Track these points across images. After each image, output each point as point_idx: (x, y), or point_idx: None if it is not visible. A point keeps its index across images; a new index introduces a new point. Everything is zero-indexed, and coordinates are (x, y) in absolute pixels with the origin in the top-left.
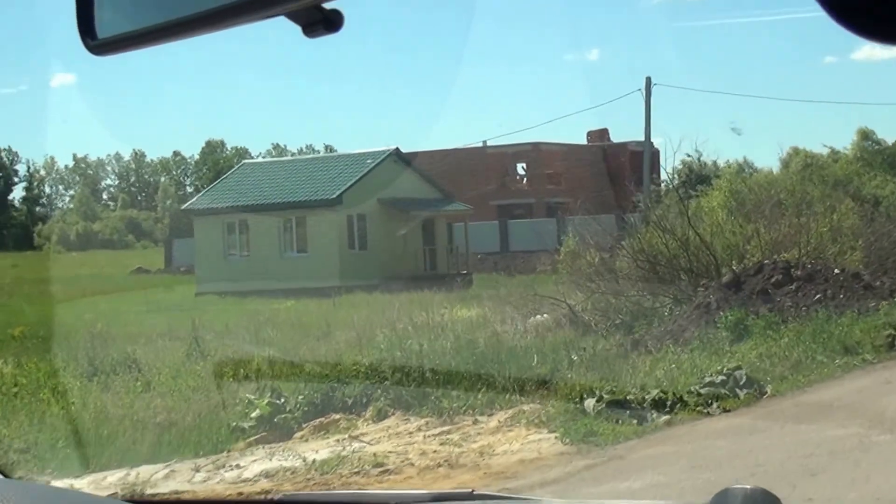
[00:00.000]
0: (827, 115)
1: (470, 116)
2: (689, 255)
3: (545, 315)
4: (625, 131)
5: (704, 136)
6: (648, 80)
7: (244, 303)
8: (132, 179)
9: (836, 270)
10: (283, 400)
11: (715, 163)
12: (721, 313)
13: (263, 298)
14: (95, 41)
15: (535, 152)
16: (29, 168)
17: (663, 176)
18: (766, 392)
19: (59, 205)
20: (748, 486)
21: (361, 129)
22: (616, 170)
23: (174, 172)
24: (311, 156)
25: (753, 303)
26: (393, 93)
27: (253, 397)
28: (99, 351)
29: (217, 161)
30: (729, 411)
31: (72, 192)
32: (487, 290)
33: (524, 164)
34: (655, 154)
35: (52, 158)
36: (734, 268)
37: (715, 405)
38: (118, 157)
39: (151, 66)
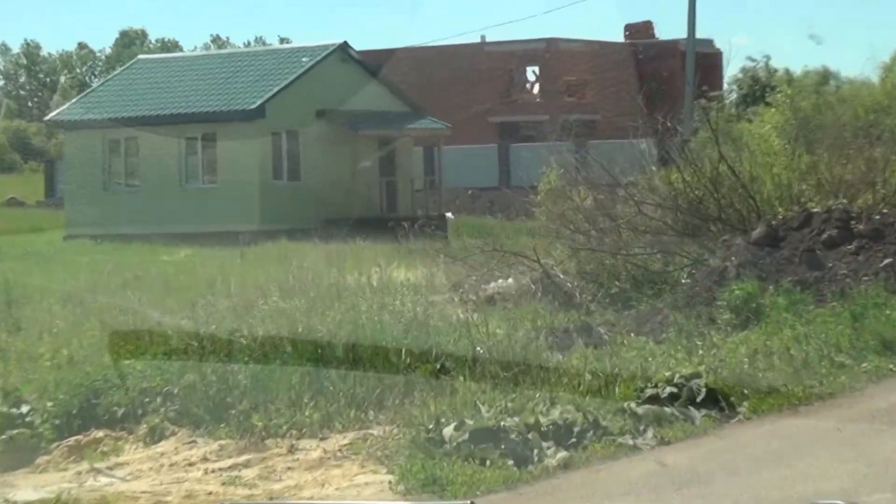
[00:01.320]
0: None
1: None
2: (720, 197)
3: (510, 280)
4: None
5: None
6: None
7: (124, 251)
8: (22, 80)
9: None
10: (26, 408)
11: (788, 71)
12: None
13: (153, 245)
14: None
15: (550, 52)
16: None
17: (726, 87)
18: (739, 414)
19: None
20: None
21: (327, 19)
22: (662, 76)
23: (78, 71)
24: (225, 51)
25: (793, 269)
26: None
27: None
28: None
29: (135, 57)
30: (668, 444)
31: None
32: (458, 242)
33: (535, 68)
34: (715, 57)
35: None
36: (773, 218)
37: (650, 434)
38: (4, 49)
39: None
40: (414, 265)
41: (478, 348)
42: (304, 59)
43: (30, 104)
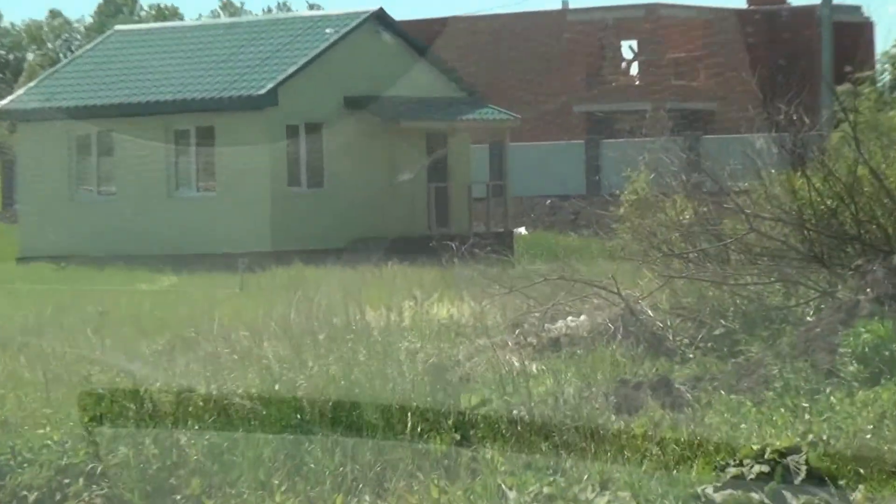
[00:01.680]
0: None
1: None
2: (858, 210)
3: (582, 317)
4: None
5: None
6: None
7: (93, 277)
8: None
9: None
10: None
11: None
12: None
13: (132, 270)
14: None
15: (652, 21)
16: None
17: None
18: (851, 501)
19: None
20: None
21: None
22: (797, 53)
23: (50, 46)
24: (226, 20)
25: None
26: None
27: None
28: None
29: None
30: None
31: None
32: (526, 267)
33: (633, 43)
34: (864, 28)
35: None
36: None
37: None
38: None
39: None
40: (462, 297)
41: (514, 410)
42: (328, 31)
43: None
